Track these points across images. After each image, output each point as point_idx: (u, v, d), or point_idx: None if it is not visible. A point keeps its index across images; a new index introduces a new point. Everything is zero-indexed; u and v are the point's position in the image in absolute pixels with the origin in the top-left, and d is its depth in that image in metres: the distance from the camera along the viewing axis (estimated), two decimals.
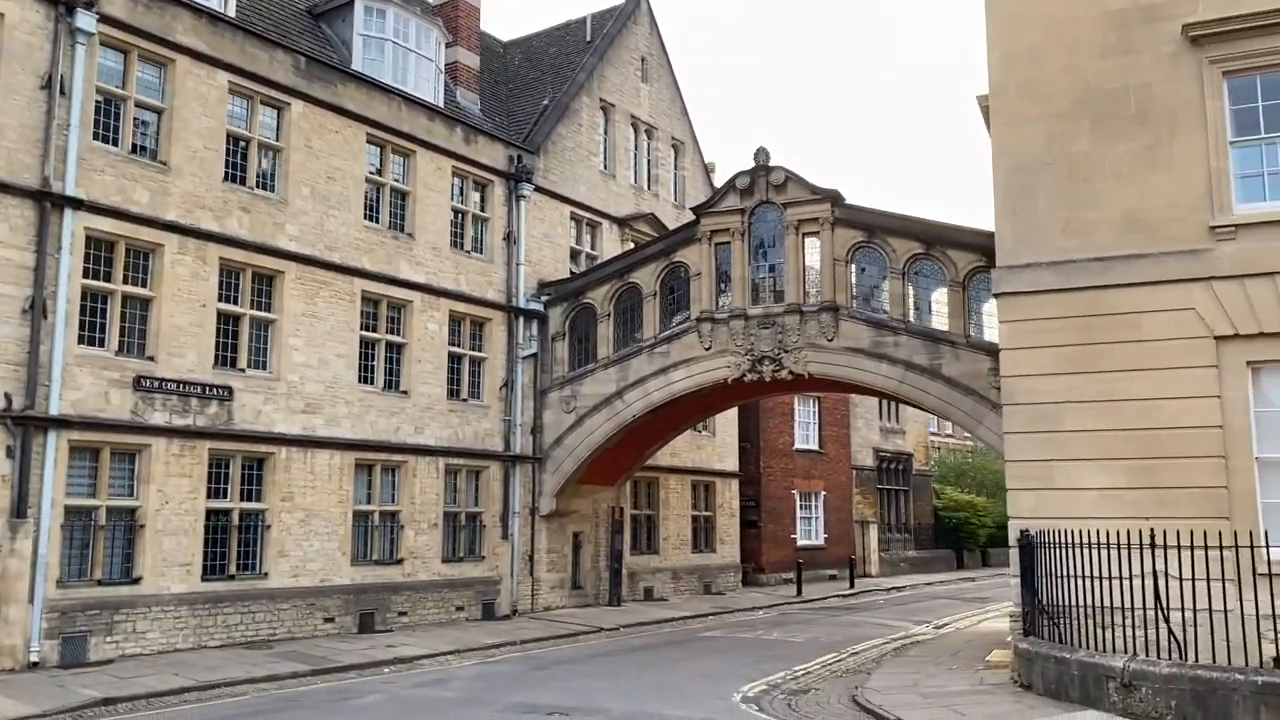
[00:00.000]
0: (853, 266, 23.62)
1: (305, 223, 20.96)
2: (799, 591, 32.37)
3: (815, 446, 38.15)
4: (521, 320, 25.93)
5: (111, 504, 17.56)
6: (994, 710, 12.41)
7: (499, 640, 20.78)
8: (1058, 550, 14.52)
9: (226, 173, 19.78)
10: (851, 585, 35.42)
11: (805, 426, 37.67)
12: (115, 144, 18.10)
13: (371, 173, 22.69)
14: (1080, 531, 14.18)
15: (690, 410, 27.35)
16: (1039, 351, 15.53)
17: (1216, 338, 14.63)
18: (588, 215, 28.45)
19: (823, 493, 38.29)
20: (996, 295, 15.92)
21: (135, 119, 18.46)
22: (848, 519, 39.72)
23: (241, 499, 19.56)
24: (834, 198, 23.78)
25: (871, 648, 20.42)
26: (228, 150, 19.81)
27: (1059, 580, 14.54)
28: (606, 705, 13.73)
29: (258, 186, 20.36)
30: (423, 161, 23.66)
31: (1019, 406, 15.58)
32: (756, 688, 15.58)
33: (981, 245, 22.69)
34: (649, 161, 31.33)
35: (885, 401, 44.16)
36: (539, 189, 26.61)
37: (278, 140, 20.75)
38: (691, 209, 25.04)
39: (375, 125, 22.56)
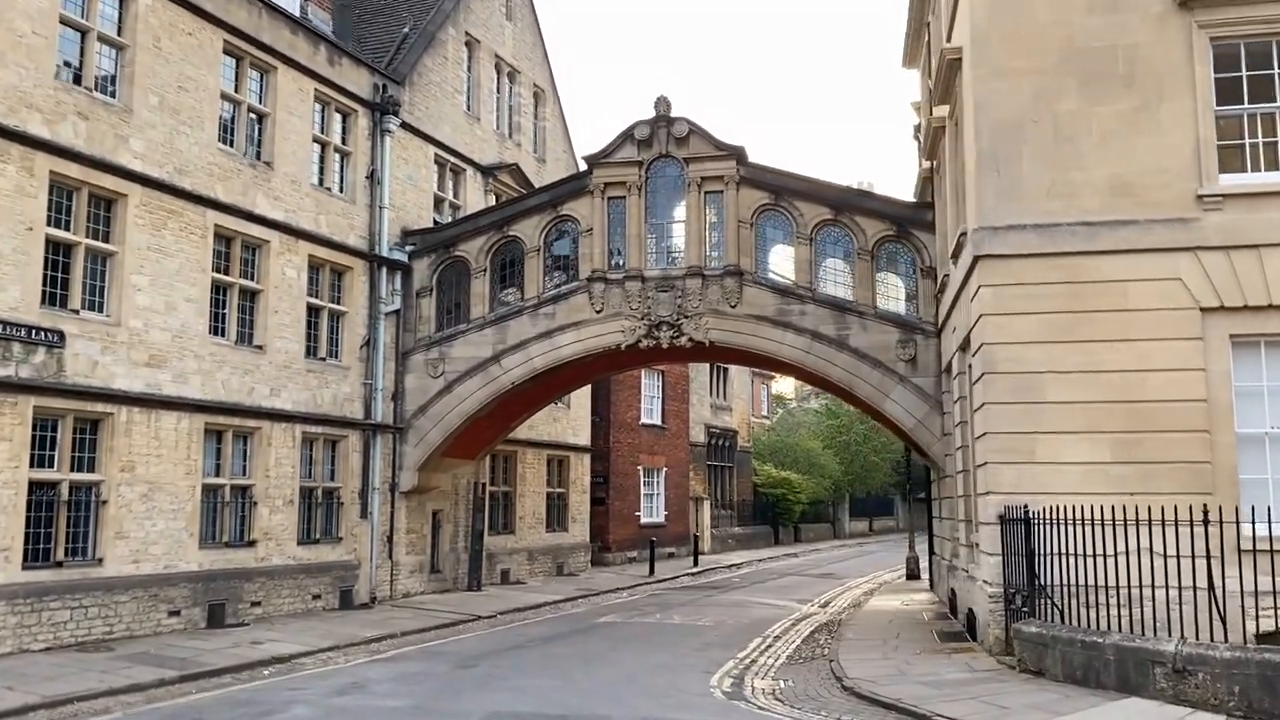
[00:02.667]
0: (757, 230, 22.37)
1: (153, 138, 17.44)
2: (651, 571, 31.06)
3: (659, 421, 36.94)
4: (385, 271, 23.06)
5: None
6: (1034, 700, 11.37)
7: (376, 633, 18.17)
8: (1041, 527, 13.79)
9: (60, 68, 16.06)
10: (695, 563, 34.51)
11: (650, 400, 36.38)
12: None
13: (228, 88, 19.27)
14: (1065, 508, 13.51)
15: (572, 378, 25.39)
16: (1021, 318, 14.66)
17: (1202, 309, 14.18)
18: (452, 160, 25.77)
19: (664, 469, 37.16)
20: (977, 257, 14.93)
21: None
22: (685, 496, 38.82)
23: (72, 469, 16.01)
24: (739, 155, 22.41)
25: (784, 630, 19.29)
26: (62, 40, 16.08)
27: (1030, 558, 13.81)
28: (594, 709, 11.74)
29: (98, 90, 16.71)
30: (283, 80, 20.39)
31: (999, 375, 14.66)
32: (724, 679, 14.03)
33: (891, 214, 22.07)
34: (510, 108, 28.90)
35: (715, 376, 43.67)
36: (404, 125, 23.75)
37: (121, 35, 17.11)
38: (584, 158, 23.00)
39: (233, 32, 19.15)
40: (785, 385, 70.67)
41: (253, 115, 19.92)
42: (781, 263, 22.29)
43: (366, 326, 22.57)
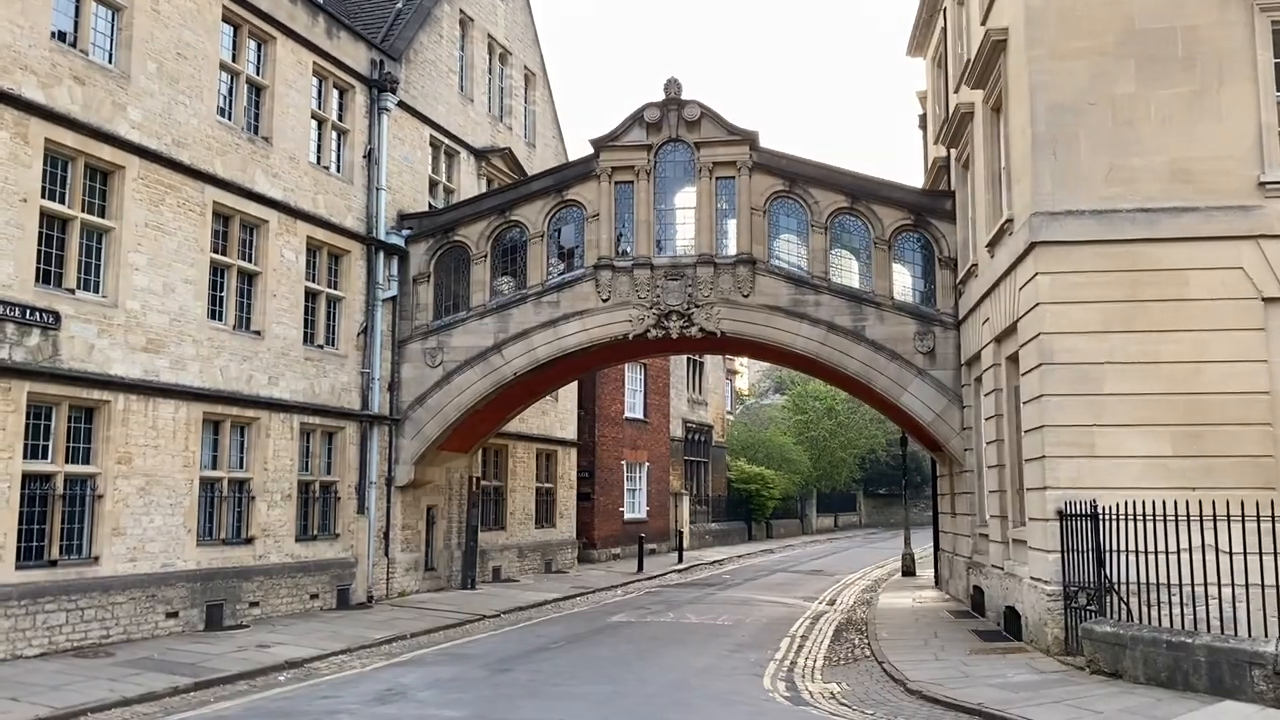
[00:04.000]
0: (770, 217, 21.74)
1: (151, 108, 16.30)
2: (640, 568, 30.30)
3: (641, 415, 36.19)
4: (382, 256, 22.04)
5: None
6: (1125, 704, 10.85)
7: (385, 635, 17.23)
8: (1108, 523, 13.33)
9: (55, 29, 14.88)
10: (680, 560, 33.85)
11: (633, 394, 35.61)
12: None
13: (226, 58, 18.16)
14: (1127, 503, 13.09)
15: (574, 368, 24.57)
16: (1079, 307, 14.18)
17: (1264, 299, 13.83)
18: (447, 142, 24.77)
19: (646, 464, 36.42)
20: (1034, 243, 14.41)
21: None
22: (666, 492, 38.14)
23: (68, 460, 14.85)
24: (752, 140, 21.76)
25: (806, 629, 18.69)
26: None
27: (1099, 555, 13.38)
28: (670, 717, 10.98)
29: (95, 53, 15.55)
30: (283, 52, 19.29)
31: (1057, 366, 14.17)
32: (775, 682, 13.41)
33: (909, 203, 21.59)
34: (502, 90, 27.95)
35: (692, 370, 43.06)
36: (401, 104, 22.72)
37: None
38: (591, 141, 22.15)
39: None
40: (742, 382, 70.33)
41: (251, 88, 18.81)
42: (793, 252, 21.71)
43: (364, 313, 21.54)
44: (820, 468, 54.96)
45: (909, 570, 28.34)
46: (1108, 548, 13.16)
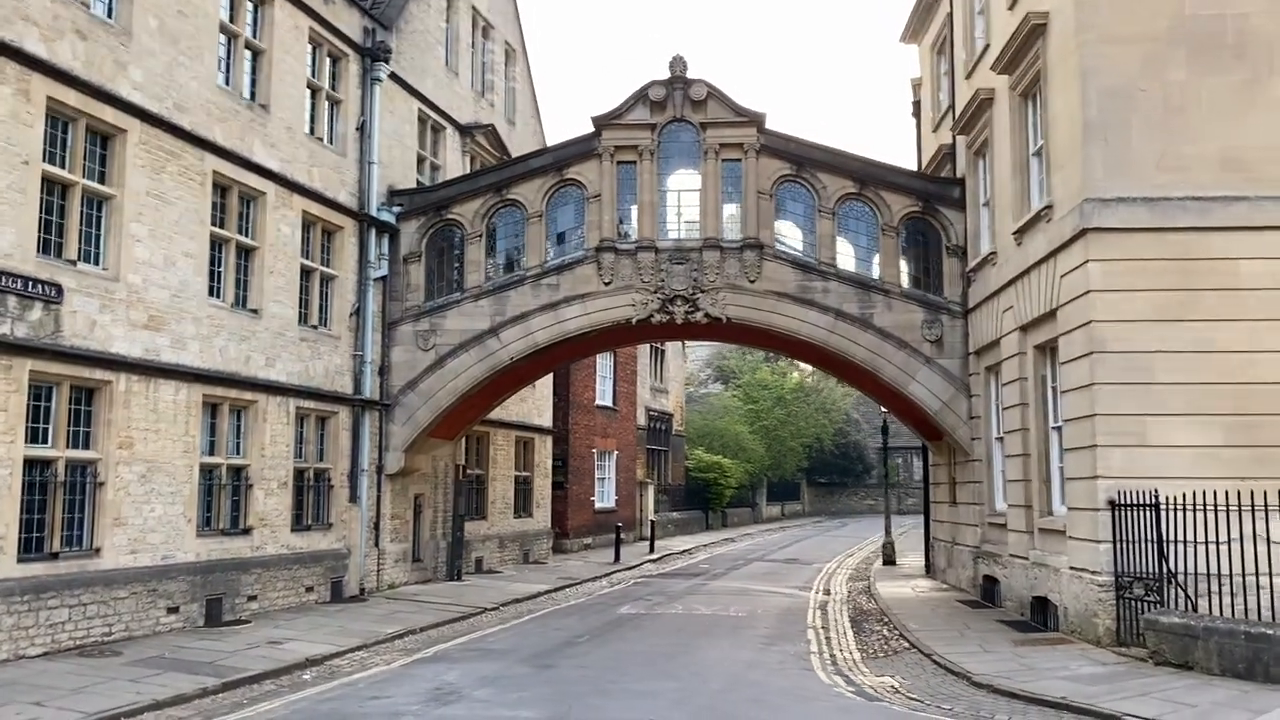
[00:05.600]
0: (778, 201, 21.33)
1: (152, 68, 15.20)
2: (617, 558, 29.74)
3: (610, 403, 35.59)
4: (373, 233, 21.08)
5: None
6: (1214, 697, 10.67)
7: (394, 630, 16.44)
8: (1156, 512, 13.23)
9: None
10: (651, 550, 33.33)
11: (604, 380, 34.97)
12: None
13: (225, 18, 17.08)
14: (1189, 494, 12.99)
15: (570, 353, 23.92)
16: (1131, 296, 14.04)
17: None
18: (434, 116, 23.83)
19: (615, 452, 35.83)
20: (1085, 230, 14.21)
21: None
22: (632, 480, 37.61)
23: (68, 445, 13.77)
24: (759, 122, 21.31)
25: (821, 620, 18.33)
26: None
27: (1160, 546, 13.27)
28: (751, 714, 10.47)
29: (96, 6, 14.43)
30: (280, 14, 18.24)
31: (1108, 355, 14.01)
32: (831, 676, 13.02)
33: (918, 189, 21.39)
34: (484, 65, 27.03)
35: (655, 357, 42.59)
36: (392, 76, 21.74)
37: None
38: (592, 119, 21.45)
39: None
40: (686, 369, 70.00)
41: (249, 53, 17.74)
42: (800, 237, 21.34)
43: (355, 293, 20.59)
44: (772, 456, 54.99)
45: (889, 559, 28.28)
46: (1169, 539, 13.05)
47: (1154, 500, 13.04)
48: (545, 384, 29.74)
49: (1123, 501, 13.55)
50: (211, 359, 16.30)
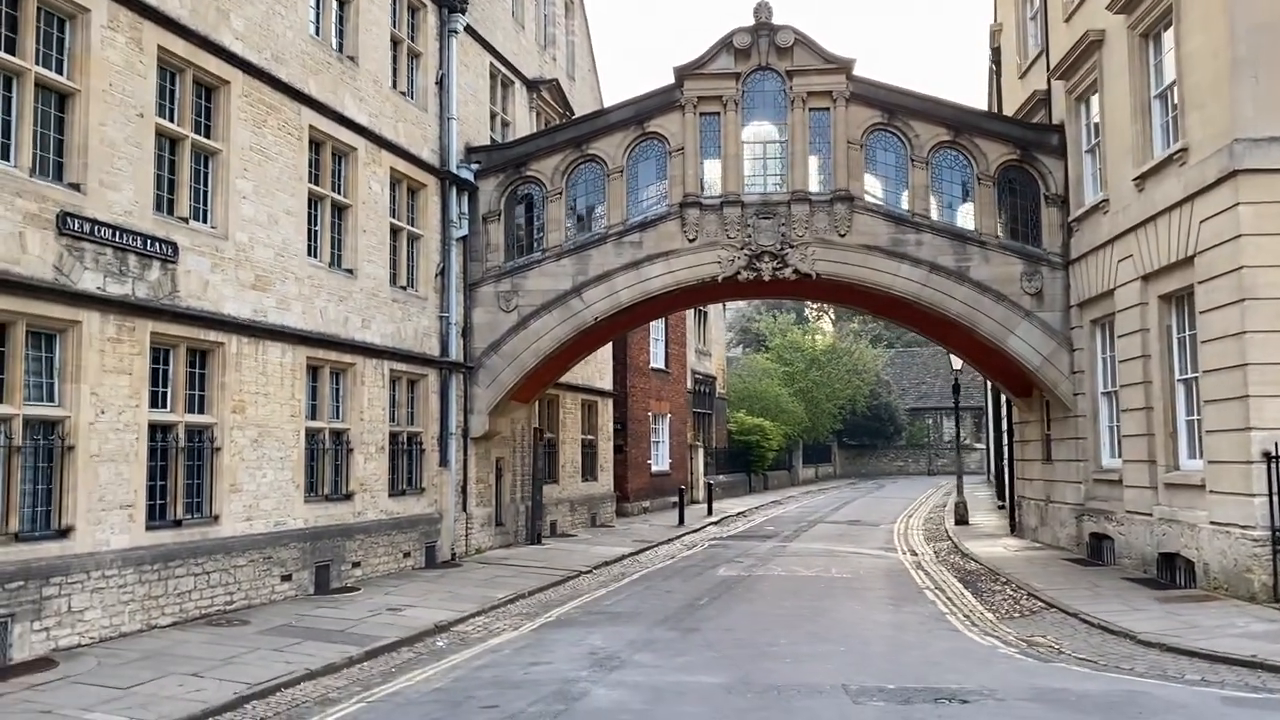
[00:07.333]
0: (868, 152, 20.72)
1: (251, 17, 14.60)
2: (681, 520, 29.38)
3: (663, 365, 35.12)
4: (454, 191, 20.52)
5: (28, 413, 10.98)
6: None
7: (505, 594, 16.06)
8: None
9: None
10: (710, 512, 32.98)
11: (657, 343, 34.46)
12: None
13: None
14: None
15: (650, 312, 23.39)
16: None
17: None
18: (504, 71, 23.18)
19: (669, 415, 35.42)
20: (1236, 171, 13.64)
21: None
22: (684, 443, 37.23)
23: (186, 409, 13.32)
24: (848, 69, 20.64)
25: (924, 581, 17.94)
26: None
27: None
28: (937, 678, 10.03)
29: None
30: None
31: (1260, 301, 13.47)
32: (981, 637, 12.59)
33: (1015, 137, 20.74)
34: (545, 18, 26.33)
35: (699, 319, 42.06)
36: (467, 28, 21.07)
37: None
38: (674, 69, 20.80)
39: None
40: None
41: (335, 2, 17.11)
42: (891, 189, 20.74)
43: (440, 253, 20.07)
44: (810, 418, 54.62)
45: (962, 519, 27.90)
46: None
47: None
48: (606, 346, 29.25)
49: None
50: (314, 320, 15.82)
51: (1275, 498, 13.15)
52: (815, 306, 66.98)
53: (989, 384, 41.01)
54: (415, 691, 10.11)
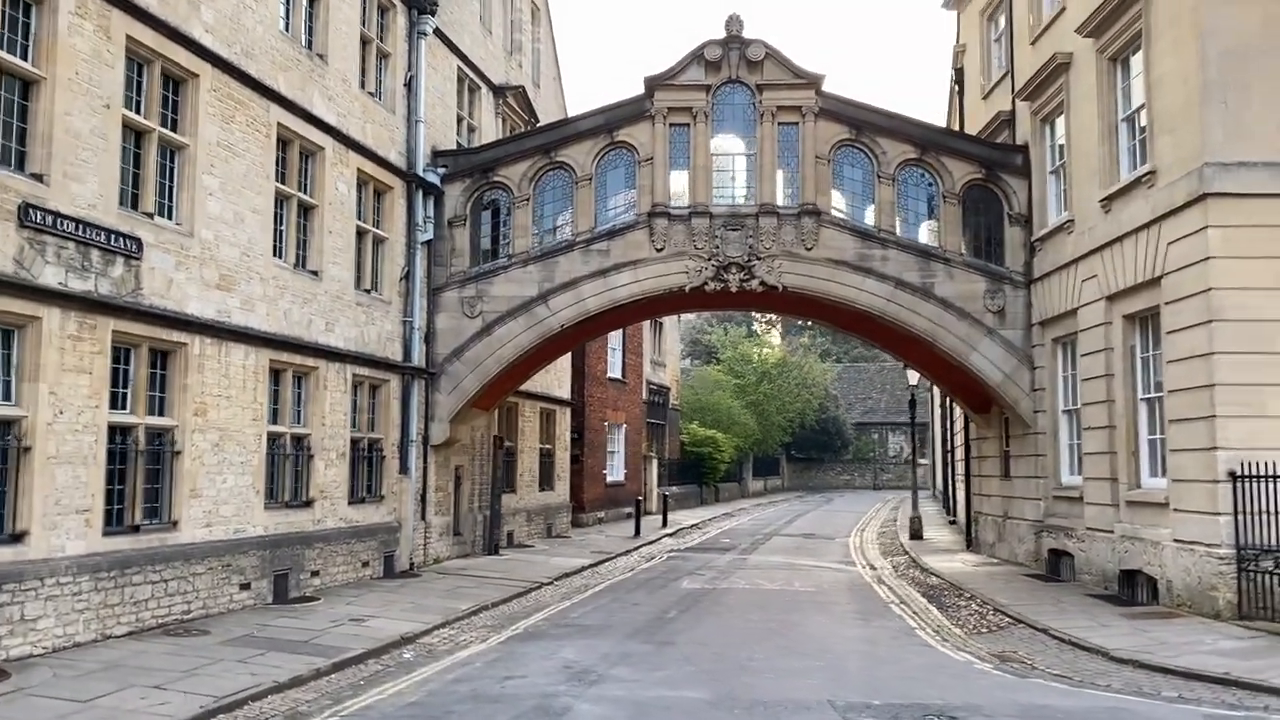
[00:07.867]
0: (835, 167, 20.80)
1: (221, 10, 14.24)
2: (637, 532, 29.19)
3: (620, 375, 34.95)
4: (420, 195, 20.22)
5: None
6: None
7: (469, 606, 15.77)
8: (1272, 483, 13.06)
9: None
10: (664, 524, 32.85)
11: (614, 352, 34.30)
12: None
13: None
14: None
15: (617, 321, 23.24)
16: (1251, 263, 13.74)
17: None
18: (471, 75, 22.93)
19: (624, 425, 35.26)
20: (1206, 194, 13.87)
21: None
22: (639, 453, 37.06)
23: (147, 411, 12.88)
24: (818, 84, 20.72)
25: (888, 596, 17.97)
26: None
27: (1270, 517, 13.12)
28: (918, 693, 9.98)
29: None
30: None
31: (1228, 324, 13.71)
32: (956, 653, 12.58)
33: (981, 156, 20.96)
34: (512, 23, 26.12)
35: (655, 330, 41.97)
36: (436, 31, 20.80)
37: None
38: (645, 79, 20.72)
39: None
40: None
41: None
42: (858, 204, 20.84)
43: (404, 256, 19.75)
44: (761, 430, 54.79)
45: (916, 534, 28.07)
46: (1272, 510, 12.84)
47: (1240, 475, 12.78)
48: (565, 355, 29.02)
49: (1246, 473, 13.29)
50: (277, 322, 15.43)
51: (1240, 516, 13.37)
52: (764, 319, 67.23)
53: (936, 399, 41.46)
54: (389, 705, 9.81)
